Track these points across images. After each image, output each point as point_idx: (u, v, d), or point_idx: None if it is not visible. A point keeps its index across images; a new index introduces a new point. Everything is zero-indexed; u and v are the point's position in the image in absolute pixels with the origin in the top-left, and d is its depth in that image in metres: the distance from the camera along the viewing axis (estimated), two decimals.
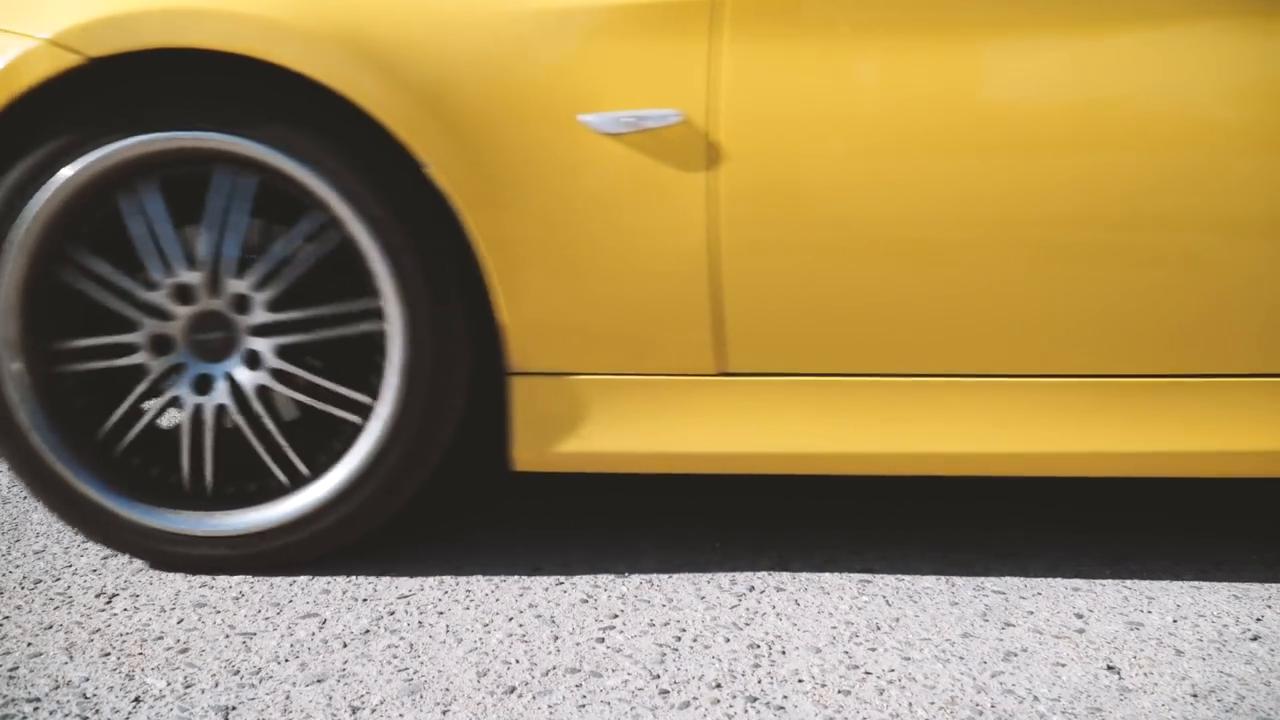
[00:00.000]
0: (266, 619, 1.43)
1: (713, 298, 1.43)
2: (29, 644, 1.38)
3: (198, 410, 1.51)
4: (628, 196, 1.41)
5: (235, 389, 1.51)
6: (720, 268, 1.42)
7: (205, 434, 1.52)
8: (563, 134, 1.40)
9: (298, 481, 1.53)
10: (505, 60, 1.40)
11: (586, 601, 1.47)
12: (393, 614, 1.44)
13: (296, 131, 1.42)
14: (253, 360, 1.50)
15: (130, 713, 1.23)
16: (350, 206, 1.43)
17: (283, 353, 1.50)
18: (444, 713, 1.22)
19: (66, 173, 1.43)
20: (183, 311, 1.49)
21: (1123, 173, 1.38)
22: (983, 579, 1.53)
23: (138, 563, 1.58)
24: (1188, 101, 1.37)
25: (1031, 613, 1.44)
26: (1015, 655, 1.34)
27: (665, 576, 1.54)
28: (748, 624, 1.41)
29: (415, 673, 1.30)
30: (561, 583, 1.52)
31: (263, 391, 1.51)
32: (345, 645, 1.36)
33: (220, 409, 1.51)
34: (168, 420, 1.59)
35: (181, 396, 1.52)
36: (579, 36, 1.39)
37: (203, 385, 1.52)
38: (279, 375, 1.51)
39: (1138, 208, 1.38)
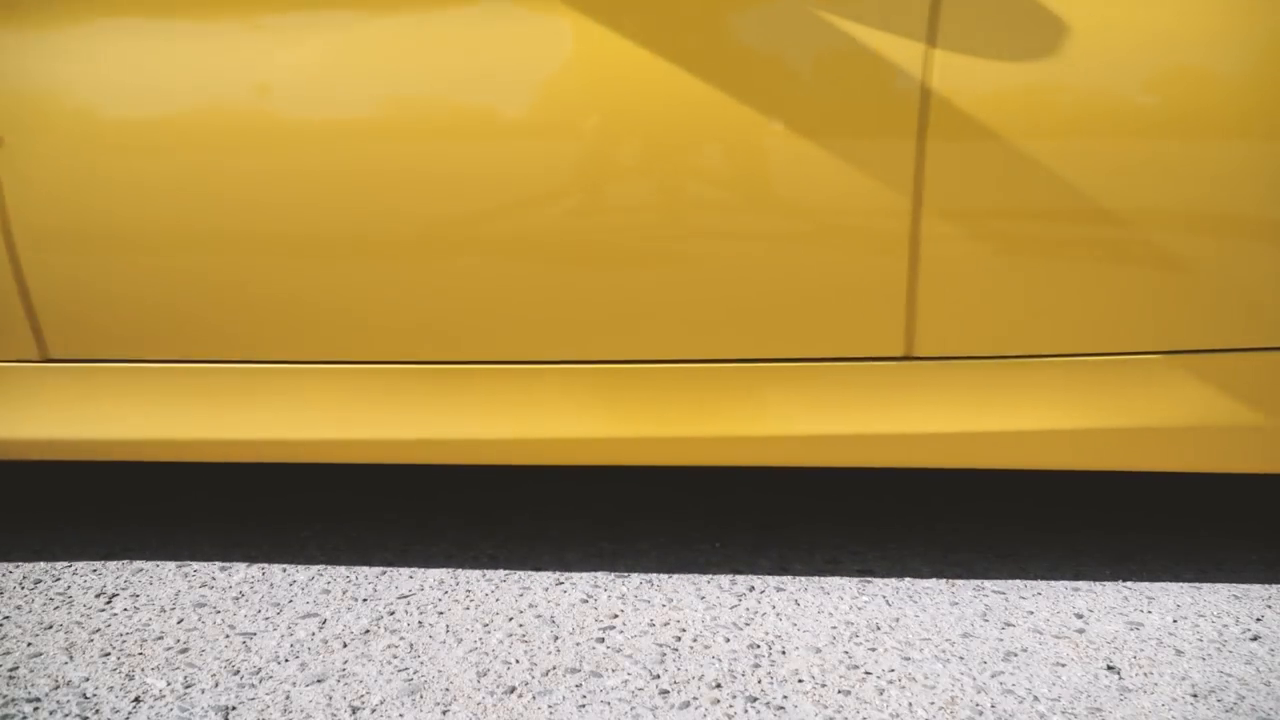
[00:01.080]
0: (266, 619, 1.43)
1: (19, 284, 1.43)
2: (29, 644, 1.38)
3: None
4: None
5: None
6: (18, 255, 1.41)
7: None
8: None
9: None
10: None
11: (586, 601, 1.47)
12: (393, 614, 1.44)
13: None
14: None
15: (130, 713, 1.23)
16: None
17: None
18: (444, 713, 1.22)
19: None
20: None
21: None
22: (983, 579, 1.53)
23: (138, 562, 1.58)
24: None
25: (1031, 613, 1.44)
26: (1015, 655, 1.34)
27: (665, 576, 1.54)
28: (748, 624, 1.41)
29: (415, 673, 1.30)
30: (561, 583, 1.52)
31: None
32: (345, 645, 1.36)
33: None
34: None
35: None
36: None
37: None
38: None
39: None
